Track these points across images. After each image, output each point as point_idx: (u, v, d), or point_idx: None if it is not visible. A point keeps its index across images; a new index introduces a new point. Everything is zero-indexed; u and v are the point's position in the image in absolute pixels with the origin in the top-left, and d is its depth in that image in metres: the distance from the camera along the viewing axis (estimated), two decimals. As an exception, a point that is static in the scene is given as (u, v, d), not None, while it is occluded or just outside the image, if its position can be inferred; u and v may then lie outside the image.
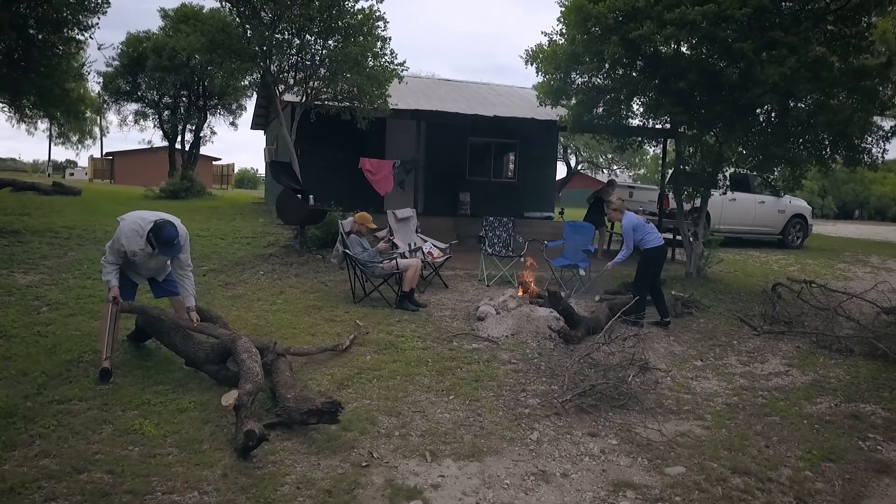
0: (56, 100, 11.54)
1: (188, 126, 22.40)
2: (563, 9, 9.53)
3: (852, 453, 4.84)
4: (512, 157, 17.13)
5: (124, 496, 3.62)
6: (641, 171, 54.04)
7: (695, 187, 10.56)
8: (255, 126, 20.53)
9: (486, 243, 9.82)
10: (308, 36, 10.82)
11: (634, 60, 9.24)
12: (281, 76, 11.06)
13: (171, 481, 3.81)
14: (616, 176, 48.38)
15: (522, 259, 9.03)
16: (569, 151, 45.23)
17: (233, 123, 25.85)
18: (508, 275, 9.52)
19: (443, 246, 9.22)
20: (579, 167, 49.87)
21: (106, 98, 21.75)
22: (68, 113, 12.44)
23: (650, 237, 7.82)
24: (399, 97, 12.63)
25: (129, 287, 5.40)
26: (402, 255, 8.26)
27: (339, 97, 11.13)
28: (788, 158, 9.24)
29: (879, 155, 9.25)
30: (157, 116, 22.19)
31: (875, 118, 9.16)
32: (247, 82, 13.95)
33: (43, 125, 31.75)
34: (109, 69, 20.72)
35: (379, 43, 10.91)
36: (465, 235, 13.83)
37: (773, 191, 15.49)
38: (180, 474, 3.89)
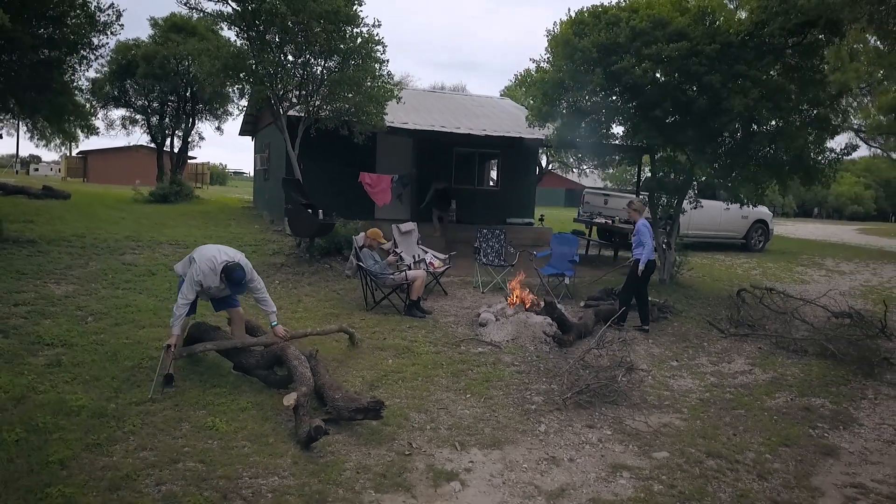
0: (69, 114, 12.13)
1: (176, 132, 22.89)
2: (551, 39, 10.46)
3: (804, 439, 5.84)
4: (494, 166, 18.04)
5: (220, 480, 4.42)
6: (610, 170, 55.59)
7: (668, 196, 11.56)
8: (243, 132, 21.13)
9: (481, 253, 10.72)
10: (310, 57, 11.56)
11: (615, 87, 10.18)
12: (285, 95, 11.78)
13: (253, 468, 4.61)
14: (586, 175, 49.60)
15: (513, 267, 9.98)
16: (540, 151, 46.33)
17: (218, 128, 26.40)
18: (501, 282, 10.42)
19: (443, 256, 10.10)
20: (550, 166, 51.05)
21: (94, 103, 22.06)
22: (83, 127, 13.00)
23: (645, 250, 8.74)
24: (390, 110, 13.38)
25: (192, 305, 6.13)
26: (409, 267, 9.11)
27: (340, 114, 11.88)
28: (752, 178, 10.30)
29: (831, 175, 10.35)
30: (145, 121, 22.63)
31: (828, 142, 10.25)
32: (246, 99, 14.63)
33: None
34: (98, 75, 21.15)
35: (377, 65, 11.70)
36: (452, 241, 14.70)
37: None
38: (259, 463, 4.69)
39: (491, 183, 18.03)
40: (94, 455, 4.58)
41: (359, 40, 11.50)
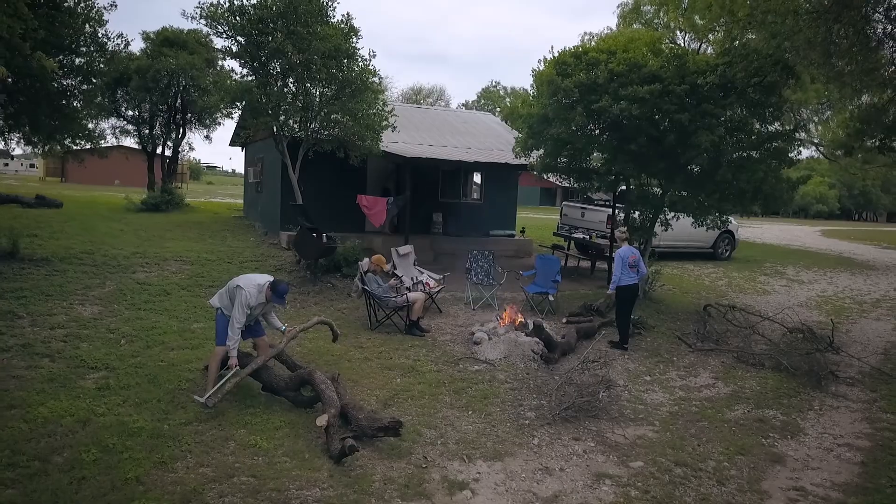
0: (83, 137, 12.83)
1: (167, 142, 23.48)
2: (536, 76, 11.39)
3: (757, 448, 6.85)
4: (478, 181, 18.95)
5: (271, 493, 5.27)
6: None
7: (643, 210, 12.54)
8: (233, 143, 21.76)
9: (472, 273, 11.64)
10: (310, 86, 12.36)
11: (594, 123, 11.14)
12: (285, 121, 12.58)
13: (297, 481, 5.47)
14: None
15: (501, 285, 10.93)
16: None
17: (207, 136, 27.04)
18: (490, 300, 11.35)
19: (437, 277, 11.00)
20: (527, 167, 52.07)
21: (86, 114, 22.36)
22: (94, 151, 13.66)
23: (628, 277, 9.71)
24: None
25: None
26: (408, 289, 9.99)
27: (337, 140, 12.70)
28: (716, 205, 11.36)
29: (789, 201, 11.45)
30: (136, 132, 23.16)
31: (785, 173, 11.30)
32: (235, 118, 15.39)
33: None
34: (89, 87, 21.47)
35: (372, 95, 12.54)
36: (439, 253, 15.60)
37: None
38: (301, 476, 5.55)
39: (475, 197, 18.93)
40: (161, 472, 5.41)
41: (355, 70, 12.31)
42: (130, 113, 22.75)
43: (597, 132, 11.50)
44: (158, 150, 24.14)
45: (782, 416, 7.82)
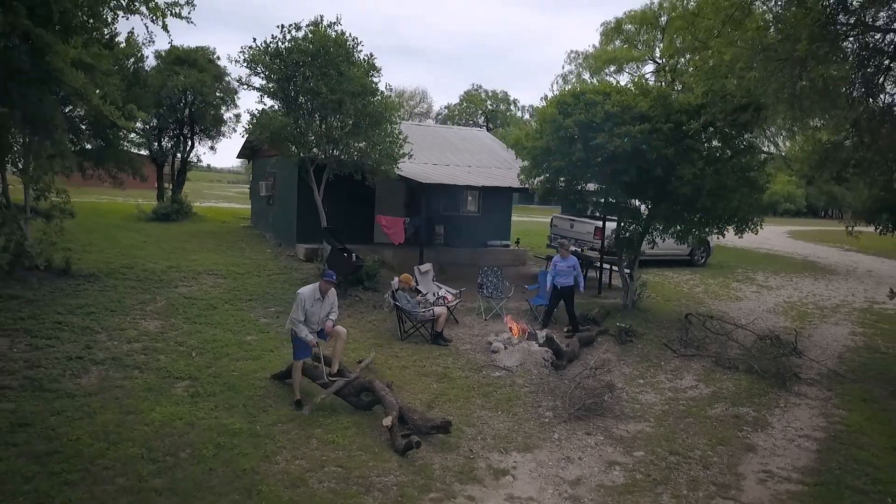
0: (128, 162, 14.03)
1: (176, 154, 24.63)
2: (538, 113, 12.88)
3: (734, 440, 8.41)
4: (476, 194, 20.37)
5: (358, 479, 6.66)
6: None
7: (633, 228, 14.15)
8: (241, 156, 22.98)
9: (484, 287, 13.11)
10: (334, 120, 13.71)
11: (592, 156, 12.64)
12: (312, 150, 13.92)
13: (375, 470, 6.86)
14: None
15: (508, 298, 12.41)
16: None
17: (212, 147, 28.17)
18: (500, 311, 12.83)
19: (454, 291, 12.45)
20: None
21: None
22: (135, 173, 14.84)
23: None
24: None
25: (307, 348, 8.33)
26: (432, 304, 11.43)
27: (358, 166, 14.08)
28: (698, 228, 12.99)
29: (759, 224, 13.12)
30: (146, 144, 24.23)
31: (757, 197, 12.94)
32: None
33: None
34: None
35: (389, 126, 13.92)
36: (444, 263, 17.02)
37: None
38: (377, 466, 6.94)
39: (473, 210, 20.33)
40: (268, 464, 6.78)
41: (374, 103, 13.67)
42: (140, 126, 23.78)
43: (589, 160, 12.97)
44: (169, 159, 25.28)
45: (754, 412, 9.40)
